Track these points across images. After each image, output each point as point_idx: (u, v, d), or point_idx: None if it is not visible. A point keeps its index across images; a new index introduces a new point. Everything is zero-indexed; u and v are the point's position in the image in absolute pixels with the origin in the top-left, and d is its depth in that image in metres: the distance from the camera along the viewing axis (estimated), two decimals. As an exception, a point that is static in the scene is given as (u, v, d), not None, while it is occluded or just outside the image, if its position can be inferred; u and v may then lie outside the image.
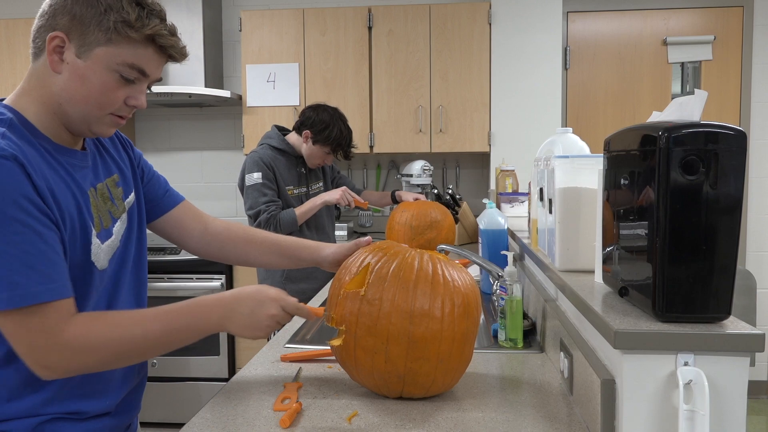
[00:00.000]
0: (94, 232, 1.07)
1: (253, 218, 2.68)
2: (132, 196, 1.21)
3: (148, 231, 1.31)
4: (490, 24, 3.63)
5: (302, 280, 2.80)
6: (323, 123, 2.68)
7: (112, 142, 1.22)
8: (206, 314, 1.08)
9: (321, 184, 2.94)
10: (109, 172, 1.16)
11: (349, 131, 2.76)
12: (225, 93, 3.73)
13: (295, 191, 2.79)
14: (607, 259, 1.13)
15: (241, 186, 2.75)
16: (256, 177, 2.67)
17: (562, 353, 1.31)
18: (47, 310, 0.94)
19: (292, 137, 2.80)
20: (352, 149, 2.81)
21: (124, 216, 1.17)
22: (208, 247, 1.39)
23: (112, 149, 1.20)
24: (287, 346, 1.61)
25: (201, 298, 1.10)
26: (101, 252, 1.08)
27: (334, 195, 2.75)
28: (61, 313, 0.95)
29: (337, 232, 3.48)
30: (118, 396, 1.17)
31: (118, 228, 1.14)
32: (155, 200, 1.31)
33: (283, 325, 1.21)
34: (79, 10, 0.98)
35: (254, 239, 1.43)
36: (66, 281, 0.97)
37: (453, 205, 3.59)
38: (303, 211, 2.71)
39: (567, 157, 1.36)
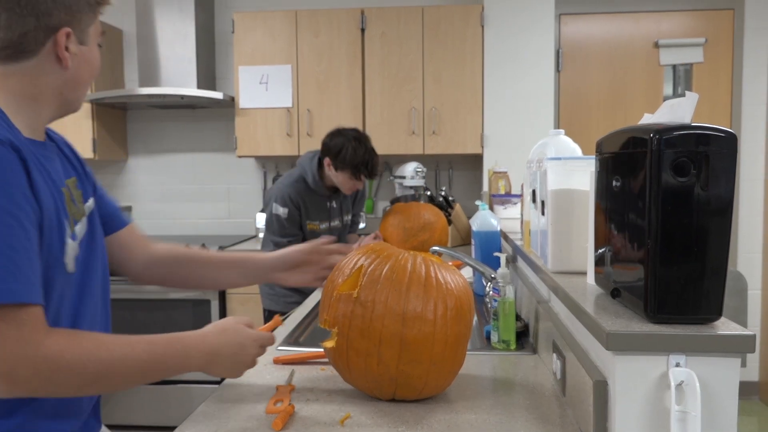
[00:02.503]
0: (68, 232, 1.01)
1: (276, 245, 2.75)
2: (92, 201, 1.16)
3: None
4: (482, 26, 3.64)
5: None
6: (337, 147, 2.64)
7: (71, 149, 1.18)
8: (188, 357, 1.06)
9: (348, 217, 2.95)
10: (68, 174, 1.11)
11: (366, 149, 2.66)
12: (217, 95, 3.72)
13: (321, 226, 2.79)
14: (599, 261, 1.13)
15: (267, 202, 2.79)
16: (282, 211, 2.71)
17: (554, 355, 1.31)
18: (22, 314, 0.87)
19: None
20: (375, 168, 2.70)
21: (84, 219, 1.11)
22: (153, 272, 1.32)
23: (68, 152, 1.16)
24: (280, 348, 1.61)
25: (185, 337, 1.07)
26: (72, 253, 1.03)
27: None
28: (37, 321, 0.89)
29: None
30: (85, 413, 1.13)
31: (80, 230, 1.08)
32: (104, 218, 1.24)
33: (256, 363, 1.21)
34: (70, 0, 0.98)
35: (199, 258, 1.36)
36: (40, 287, 0.91)
37: (446, 206, 3.60)
38: None
39: (559, 158, 1.36)
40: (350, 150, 2.62)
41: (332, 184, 2.76)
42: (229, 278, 1.39)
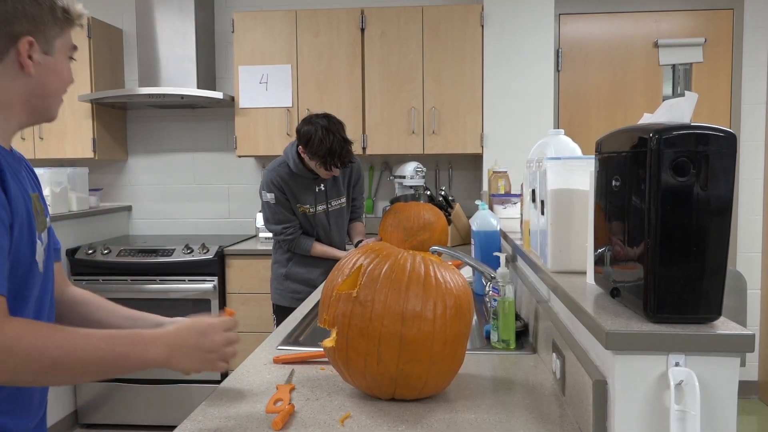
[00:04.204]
0: (36, 234, 1.05)
1: (274, 233, 2.83)
2: (49, 219, 1.18)
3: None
4: (482, 26, 3.64)
5: (303, 274, 2.84)
6: (307, 135, 2.61)
7: (32, 170, 1.20)
8: (147, 350, 1.04)
9: (343, 200, 2.92)
10: (32, 188, 1.13)
11: (335, 139, 2.59)
12: (217, 94, 3.72)
13: (310, 210, 2.80)
14: (598, 261, 1.13)
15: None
16: (269, 197, 2.75)
17: (554, 354, 1.31)
18: None
19: None
20: (346, 158, 2.65)
21: (46, 231, 1.14)
22: (59, 310, 1.28)
23: (30, 172, 1.18)
24: (280, 347, 1.61)
25: (144, 331, 1.07)
26: (41, 255, 1.07)
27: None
28: (3, 305, 0.92)
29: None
30: (36, 417, 1.13)
31: (44, 237, 1.12)
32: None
33: (235, 353, 1.18)
34: (33, 11, 1.02)
35: (102, 306, 1.31)
36: (5, 280, 0.94)
37: (446, 206, 3.60)
38: (321, 251, 2.82)
39: (559, 158, 1.36)
40: (317, 140, 2.58)
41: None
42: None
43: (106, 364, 1.00)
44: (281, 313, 2.86)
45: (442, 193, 3.67)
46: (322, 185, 2.80)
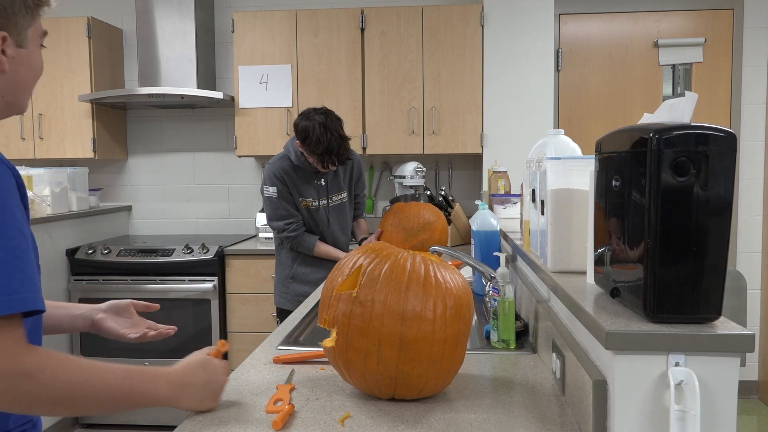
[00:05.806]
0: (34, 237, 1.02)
1: (277, 230, 2.80)
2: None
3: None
4: (482, 26, 3.64)
5: (309, 274, 2.82)
6: (305, 131, 2.59)
7: None
8: (158, 384, 1.04)
9: (344, 195, 2.90)
10: None
11: (332, 137, 2.58)
12: (217, 94, 3.73)
13: (313, 204, 2.79)
14: (598, 260, 1.13)
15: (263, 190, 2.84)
16: (272, 191, 2.74)
17: (554, 354, 1.31)
18: (20, 323, 0.87)
19: None
20: (343, 156, 2.64)
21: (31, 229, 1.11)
22: None
23: None
24: (280, 347, 1.61)
25: (154, 368, 1.07)
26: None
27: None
28: (23, 333, 0.88)
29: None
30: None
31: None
32: None
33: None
34: (3, 3, 0.95)
35: None
36: (35, 301, 0.90)
37: (446, 206, 3.60)
38: (325, 251, 2.80)
39: (559, 158, 1.36)
40: (315, 139, 2.57)
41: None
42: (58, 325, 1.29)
43: (118, 400, 0.99)
44: (286, 317, 2.83)
45: (442, 193, 3.67)
46: (323, 180, 2.79)
